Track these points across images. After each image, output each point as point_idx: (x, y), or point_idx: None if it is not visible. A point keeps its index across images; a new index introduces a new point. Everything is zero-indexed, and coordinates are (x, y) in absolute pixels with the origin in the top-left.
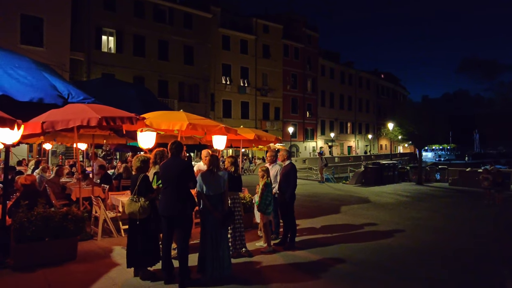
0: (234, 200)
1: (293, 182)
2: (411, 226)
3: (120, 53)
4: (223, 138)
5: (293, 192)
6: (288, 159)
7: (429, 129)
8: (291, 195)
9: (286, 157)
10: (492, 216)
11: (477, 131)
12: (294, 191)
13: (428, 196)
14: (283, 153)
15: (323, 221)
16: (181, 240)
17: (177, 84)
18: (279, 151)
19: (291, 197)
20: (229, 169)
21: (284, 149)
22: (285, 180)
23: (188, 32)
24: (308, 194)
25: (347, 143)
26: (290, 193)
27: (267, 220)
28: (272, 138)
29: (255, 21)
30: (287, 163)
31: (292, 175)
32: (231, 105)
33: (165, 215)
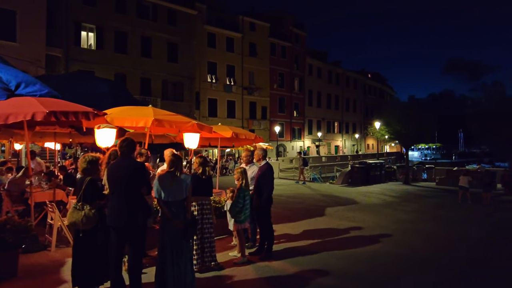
0: (202, 207)
1: (270, 184)
2: (399, 230)
3: (100, 49)
4: (195, 136)
5: (270, 195)
6: (264, 159)
7: (416, 128)
8: (267, 198)
9: (262, 157)
10: (482, 218)
11: (462, 131)
12: (271, 194)
13: (415, 197)
14: (258, 153)
15: (306, 225)
16: (132, 255)
17: (161, 82)
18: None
19: (267, 201)
20: (197, 170)
21: (260, 148)
22: (261, 183)
23: (172, 29)
24: (293, 195)
25: (334, 142)
26: (267, 196)
27: (239, 228)
28: (251, 136)
29: (242, 19)
30: (263, 164)
31: (268, 176)
32: (217, 104)
33: (112, 226)
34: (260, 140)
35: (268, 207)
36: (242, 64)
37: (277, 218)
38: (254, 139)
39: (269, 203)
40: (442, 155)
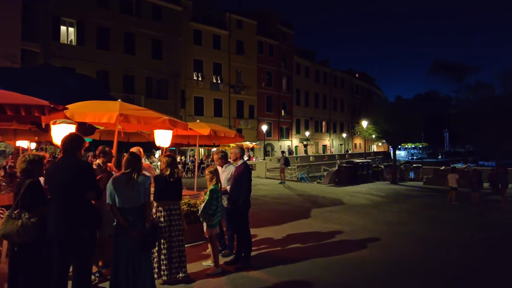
0: (170, 212)
1: (247, 186)
2: (387, 233)
3: (81, 45)
4: (167, 134)
5: (247, 198)
6: (241, 158)
7: (404, 127)
8: (244, 202)
9: (239, 156)
10: (472, 219)
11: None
12: (248, 197)
13: (403, 197)
14: (235, 151)
15: (290, 229)
16: (75, 276)
17: (144, 80)
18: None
19: (244, 204)
20: (164, 171)
21: (236, 146)
22: (237, 185)
23: (156, 25)
24: (279, 196)
25: (322, 142)
26: (244, 199)
27: (212, 233)
28: (231, 134)
29: (229, 16)
30: (239, 163)
31: (245, 177)
32: (203, 103)
33: (52, 239)
34: (240, 139)
35: (246, 211)
36: (229, 62)
37: (260, 221)
38: (234, 137)
39: (246, 207)
40: (429, 154)
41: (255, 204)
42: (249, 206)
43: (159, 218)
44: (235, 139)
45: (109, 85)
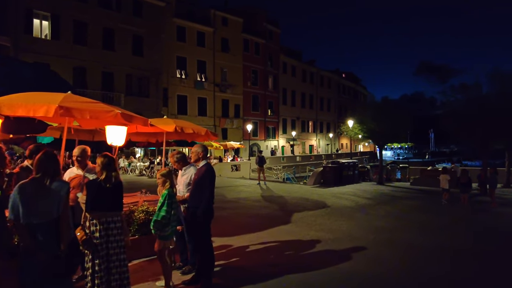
0: (108, 225)
1: (209, 192)
2: (373, 241)
3: (56, 40)
4: (121, 130)
5: (209, 206)
6: (204, 159)
7: (390, 127)
8: (205, 210)
9: (201, 156)
10: (464, 222)
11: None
12: (211, 204)
13: (390, 198)
14: (195, 150)
15: (268, 237)
16: None
17: (124, 77)
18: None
19: (205, 213)
20: (99, 175)
21: (198, 144)
22: (197, 190)
23: (137, 21)
24: (260, 199)
25: (308, 142)
26: (204, 208)
27: (163, 247)
28: (201, 131)
29: (214, 13)
30: (201, 165)
31: (207, 182)
32: (186, 101)
33: None
34: (213, 137)
35: (207, 221)
36: (214, 60)
37: (236, 227)
38: (205, 135)
39: (207, 216)
40: (414, 154)
41: (234, 208)
42: (211, 215)
43: (94, 233)
44: (207, 137)
45: (86, 82)
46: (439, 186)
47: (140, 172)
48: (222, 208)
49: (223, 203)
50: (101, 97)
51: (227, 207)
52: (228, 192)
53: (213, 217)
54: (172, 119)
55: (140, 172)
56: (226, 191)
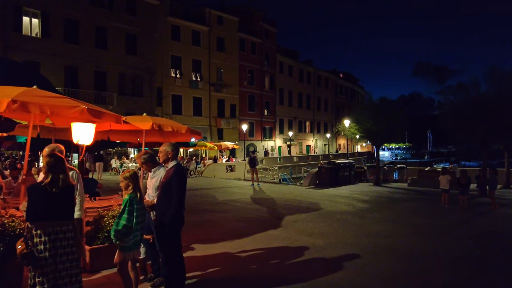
0: (56, 236)
1: (178, 197)
2: (369, 248)
3: (46, 38)
4: (88, 128)
5: (177, 212)
6: (174, 159)
7: (388, 126)
8: (173, 217)
9: (171, 156)
10: (464, 226)
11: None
12: (180, 211)
13: (387, 200)
14: (164, 149)
15: (254, 243)
16: None
17: (117, 76)
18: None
19: (173, 221)
20: (45, 178)
21: (168, 143)
22: (164, 194)
23: (131, 19)
24: (251, 201)
25: (305, 142)
26: (172, 214)
27: (124, 259)
28: (182, 129)
29: (209, 12)
30: (170, 166)
31: (175, 185)
32: (181, 101)
33: None
34: (197, 136)
35: (175, 230)
36: (209, 59)
37: (221, 233)
38: (186, 133)
39: (175, 224)
40: (412, 154)
41: (222, 211)
42: (180, 223)
43: (37, 246)
44: (189, 135)
45: (78, 81)
46: (438, 187)
47: None
48: (210, 211)
49: (213, 206)
50: (94, 97)
51: (216, 210)
52: (220, 194)
53: (182, 225)
54: (150, 117)
55: None
56: (218, 193)
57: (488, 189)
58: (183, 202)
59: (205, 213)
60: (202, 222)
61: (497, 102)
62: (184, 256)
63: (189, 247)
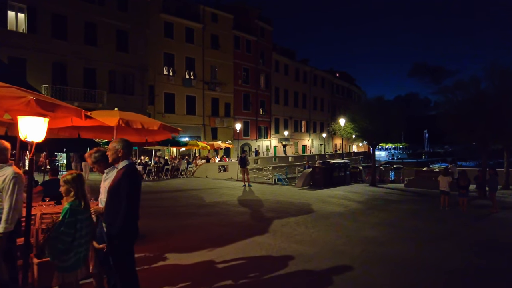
0: None
1: (128, 205)
2: (361, 257)
3: (33, 33)
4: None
5: (128, 223)
6: (126, 159)
7: (384, 125)
8: (122, 229)
9: (121, 155)
10: (464, 231)
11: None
12: (131, 221)
13: (383, 202)
14: (113, 147)
15: (234, 252)
16: None
17: (108, 73)
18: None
19: (122, 234)
20: None
21: (118, 139)
22: (113, 201)
23: (122, 15)
24: (241, 203)
25: (301, 142)
26: (120, 226)
27: (62, 283)
28: (153, 125)
29: (203, 9)
30: (121, 167)
31: (125, 190)
32: (174, 99)
33: None
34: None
35: (126, 244)
36: (203, 57)
37: (203, 239)
38: (160, 130)
39: (126, 236)
40: (409, 154)
41: (208, 214)
42: (131, 236)
43: None
44: (163, 132)
45: (67, 78)
46: (436, 188)
47: None
48: (195, 214)
49: (198, 208)
50: (83, 95)
51: (201, 213)
52: (209, 195)
53: (136, 238)
54: (119, 112)
55: None
56: (207, 194)
57: (489, 191)
58: (135, 211)
59: (188, 217)
60: (183, 227)
61: (498, 100)
62: (154, 266)
63: (162, 257)
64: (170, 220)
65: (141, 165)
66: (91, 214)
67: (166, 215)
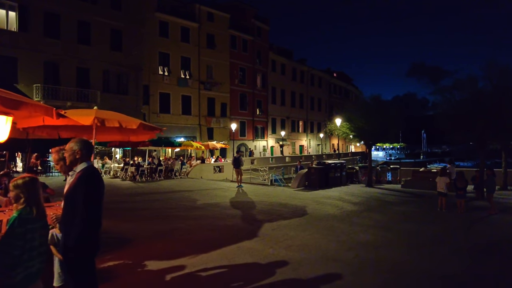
0: None
1: (85, 213)
2: (353, 264)
3: (24, 32)
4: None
5: (86, 234)
6: (84, 161)
7: (380, 125)
8: (79, 241)
9: (79, 156)
10: (462, 235)
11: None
12: (90, 232)
13: (379, 204)
14: (71, 147)
15: (219, 258)
16: None
17: (101, 73)
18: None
19: (80, 246)
20: None
21: (76, 140)
22: (68, 209)
23: (116, 14)
24: (232, 205)
25: (299, 142)
26: (77, 236)
27: None
28: (132, 124)
29: (199, 8)
30: (79, 170)
31: (82, 196)
32: (169, 99)
33: None
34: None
35: (83, 257)
36: (199, 57)
37: (188, 244)
38: (139, 129)
39: (84, 249)
40: (406, 155)
41: (197, 218)
42: (91, 248)
43: None
44: (143, 132)
45: (59, 78)
46: (433, 188)
47: (114, 174)
48: (182, 217)
49: (187, 211)
50: (76, 94)
51: (191, 216)
52: (201, 197)
53: (95, 250)
54: (96, 110)
55: (114, 174)
56: (199, 196)
57: (486, 192)
58: (94, 220)
59: (176, 220)
60: (169, 232)
61: (496, 99)
62: (128, 275)
63: (141, 264)
64: (157, 224)
65: (134, 166)
66: (53, 221)
67: (153, 218)
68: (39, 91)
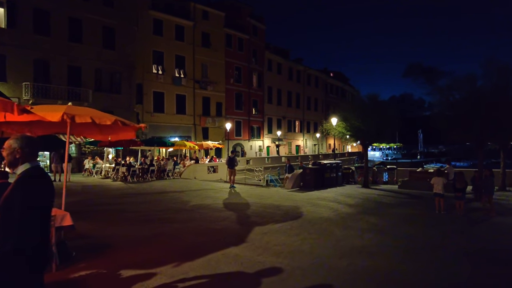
0: None
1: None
2: (346, 273)
3: (13, 28)
4: None
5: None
6: (27, 161)
7: (376, 125)
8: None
9: (20, 157)
10: (461, 239)
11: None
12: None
13: (375, 206)
14: (10, 145)
15: (202, 267)
16: None
17: (93, 71)
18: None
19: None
20: None
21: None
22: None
23: (108, 11)
24: (223, 207)
25: (295, 142)
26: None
27: None
28: (106, 120)
29: (193, 6)
30: (19, 172)
31: (20, 203)
32: (163, 98)
33: None
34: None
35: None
36: (194, 55)
37: (171, 250)
38: (114, 126)
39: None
40: (403, 155)
41: (185, 221)
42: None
43: None
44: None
45: (50, 76)
46: (431, 189)
47: (105, 174)
48: (171, 220)
49: (176, 213)
50: (67, 93)
51: (178, 219)
52: (192, 198)
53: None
54: (67, 106)
55: (106, 174)
56: (189, 197)
57: (484, 194)
58: (33, 232)
59: (163, 223)
60: (153, 236)
61: (494, 98)
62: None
63: (115, 274)
64: (142, 227)
65: (125, 166)
66: None
67: (139, 222)
68: (28, 89)
